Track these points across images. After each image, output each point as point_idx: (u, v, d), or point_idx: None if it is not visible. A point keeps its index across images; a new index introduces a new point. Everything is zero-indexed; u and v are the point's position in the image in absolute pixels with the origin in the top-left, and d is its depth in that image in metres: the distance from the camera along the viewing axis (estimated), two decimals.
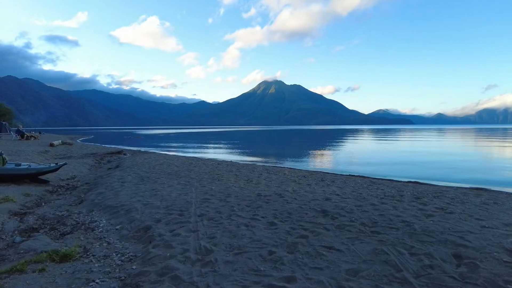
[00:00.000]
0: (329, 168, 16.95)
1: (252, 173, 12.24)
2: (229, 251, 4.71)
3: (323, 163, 19.90)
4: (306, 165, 18.34)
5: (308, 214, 6.44)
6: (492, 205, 7.27)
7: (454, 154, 26.26)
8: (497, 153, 28.16)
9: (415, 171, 16.14)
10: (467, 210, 6.65)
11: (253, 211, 6.67)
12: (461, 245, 4.67)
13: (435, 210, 6.63)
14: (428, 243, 4.78)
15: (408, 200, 7.57)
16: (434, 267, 4.03)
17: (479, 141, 46.07)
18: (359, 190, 8.89)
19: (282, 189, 8.88)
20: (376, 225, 5.68)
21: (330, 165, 18.45)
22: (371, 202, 7.28)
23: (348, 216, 6.18)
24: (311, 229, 5.54)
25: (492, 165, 19.06)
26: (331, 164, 19.40)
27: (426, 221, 5.80)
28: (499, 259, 4.20)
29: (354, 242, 4.94)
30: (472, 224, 5.63)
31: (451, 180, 13.49)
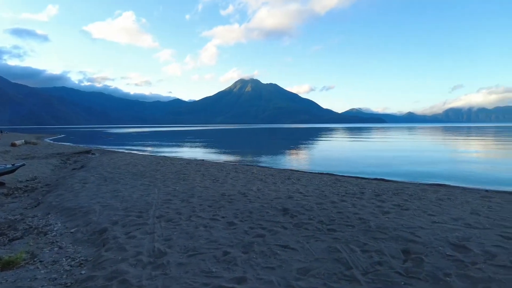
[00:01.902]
0: (299, 166, 17.13)
1: (219, 173, 12.15)
2: (183, 253, 4.63)
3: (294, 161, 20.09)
4: (276, 163, 18.45)
5: (269, 213, 6.45)
6: (446, 201, 7.57)
7: (422, 152, 27.23)
8: (461, 150, 29.46)
9: (383, 169, 16.58)
10: (422, 206, 6.89)
11: (214, 212, 6.61)
12: (411, 240, 4.82)
13: (392, 207, 6.82)
14: (381, 240, 4.90)
15: (367, 198, 7.75)
16: (382, 263, 4.13)
17: (445, 139, 48.09)
18: (322, 188, 9.02)
19: (247, 188, 8.86)
20: (333, 222, 5.77)
21: (300, 163, 18.65)
22: (331, 200, 7.40)
23: (307, 214, 6.25)
24: (269, 228, 5.55)
25: (455, 162, 19.90)
26: (301, 162, 19.62)
27: (382, 218, 5.96)
28: (443, 253, 4.36)
29: (310, 240, 4.99)
30: (424, 220, 5.83)
31: (415, 176, 13.95)
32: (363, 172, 15.15)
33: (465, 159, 21.98)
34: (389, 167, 17.53)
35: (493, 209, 6.81)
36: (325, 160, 21.13)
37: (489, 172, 15.69)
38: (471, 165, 18.32)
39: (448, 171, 15.88)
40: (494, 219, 5.95)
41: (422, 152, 26.52)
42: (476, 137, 52.64)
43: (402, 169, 16.41)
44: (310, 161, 20.18)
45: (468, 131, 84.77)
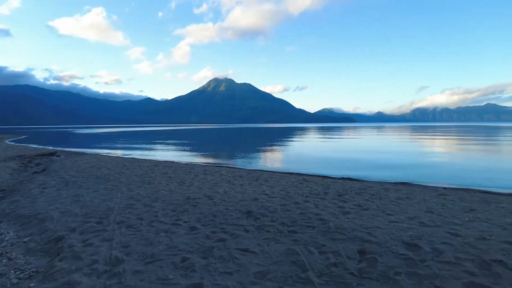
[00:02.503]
0: (269, 166, 17.25)
1: (187, 175, 12.01)
2: (141, 260, 4.54)
3: (265, 161, 20.20)
4: (247, 164, 18.48)
5: (233, 216, 6.45)
6: (404, 200, 7.87)
7: (389, 150, 28.17)
8: (426, 148, 30.76)
9: (350, 167, 17.00)
10: (382, 206, 7.13)
11: (177, 216, 6.52)
12: (368, 241, 4.97)
13: (353, 207, 7.01)
14: (339, 241, 5.02)
15: (330, 198, 7.92)
16: (338, 264, 4.23)
17: (412, 138, 50.04)
18: (288, 189, 9.13)
19: (214, 191, 8.82)
20: (295, 224, 5.85)
21: (271, 163, 18.79)
22: (295, 201, 7.50)
23: (270, 216, 6.30)
24: (231, 231, 5.54)
25: (420, 160, 20.74)
26: (272, 162, 19.76)
27: (342, 219, 6.11)
28: (396, 252, 4.53)
29: (270, 243, 5.04)
30: (382, 220, 6.03)
31: (380, 175, 14.41)
32: (331, 171, 15.47)
33: (429, 157, 22.97)
34: (356, 166, 18.01)
35: (446, 206, 7.16)
36: (296, 159, 21.41)
37: (450, 169, 16.49)
38: (435, 163, 19.19)
39: (412, 169, 16.52)
40: (445, 216, 6.26)
41: (390, 151, 27.47)
42: (440, 136, 55.20)
43: (368, 168, 16.90)
44: (281, 161, 20.38)
45: (433, 130, 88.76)
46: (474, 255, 4.37)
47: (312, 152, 27.04)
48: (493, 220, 6.01)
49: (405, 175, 14.45)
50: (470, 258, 4.28)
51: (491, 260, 4.20)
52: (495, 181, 12.95)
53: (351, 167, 17.40)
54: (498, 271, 3.93)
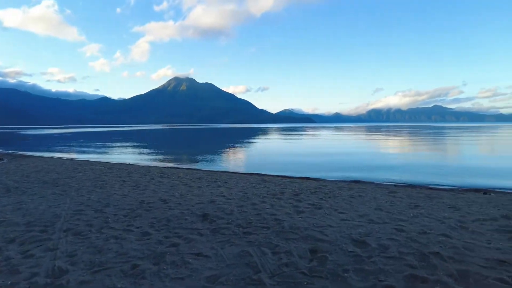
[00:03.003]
0: (229, 167, 17.22)
1: (142, 178, 11.63)
2: (87, 270, 4.31)
3: (225, 162, 20.12)
4: (207, 165, 18.30)
5: (188, 219, 6.34)
6: (357, 198, 8.21)
7: (347, 149, 29.26)
8: (381, 147, 32.34)
9: (308, 166, 17.44)
10: (334, 205, 7.38)
11: (129, 222, 6.29)
12: (320, 239, 5.12)
13: (308, 206, 7.18)
14: (292, 241, 5.11)
15: (286, 198, 8.07)
16: (289, 264, 4.30)
17: (368, 137, 52.39)
18: (246, 190, 9.16)
19: (169, 194, 8.61)
20: (250, 225, 5.88)
21: (231, 164, 18.76)
22: (252, 202, 7.54)
23: (226, 219, 6.28)
24: (185, 236, 5.44)
25: (375, 158, 21.76)
26: (233, 163, 19.74)
27: (296, 218, 6.24)
28: (345, 250, 4.70)
29: (225, 245, 5.01)
30: (334, 218, 6.24)
31: (336, 174, 14.92)
32: (291, 171, 15.76)
33: (383, 155, 24.18)
34: (315, 164, 18.52)
35: (395, 204, 7.57)
36: (257, 160, 21.56)
37: (401, 167, 17.47)
38: (387, 162, 20.22)
39: (367, 168, 17.29)
40: (393, 213, 6.61)
41: (346, 150, 28.54)
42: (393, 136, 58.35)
43: (325, 167, 17.45)
44: (242, 162, 20.41)
45: (387, 130, 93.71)
46: (415, 249, 4.65)
47: (273, 153, 27.38)
48: (434, 215, 6.45)
49: (359, 173, 15.07)
50: (411, 252, 4.55)
51: (429, 253, 4.50)
52: (440, 177, 13.92)
53: (310, 166, 17.84)
54: (435, 263, 4.21)
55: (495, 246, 4.75)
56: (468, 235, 5.30)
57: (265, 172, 15.15)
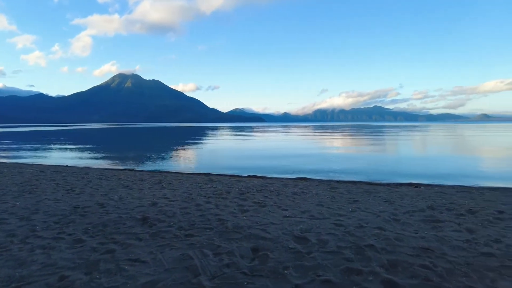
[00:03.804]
0: (175, 167, 16.73)
1: (79, 181, 10.81)
2: (5, 286, 3.86)
3: (171, 162, 19.51)
4: (151, 166, 17.61)
5: (126, 224, 6.00)
6: (300, 195, 8.42)
7: (295, 147, 30.03)
8: (326, 145, 33.71)
9: (257, 165, 17.57)
10: (278, 202, 7.48)
11: (61, 229, 5.77)
12: (262, 237, 5.12)
13: (252, 204, 7.19)
14: (234, 240, 5.06)
15: (232, 197, 8.01)
16: (230, 265, 4.23)
17: (314, 136, 54.39)
18: (191, 191, 8.93)
19: (108, 198, 8.09)
20: (193, 227, 5.72)
21: (178, 165, 18.25)
22: (197, 203, 7.36)
23: (168, 221, 6.04)
24: (122, 241, 5.13)
25: (321, 155, 22.59)
26: (180, 163, 19.22)
27: (240, 217, 6.20)
28: (286, 247, 4.76)
29: (164, 249, 4.80)
30: (277, 216, 6.31)
31: (284, 171, 15.21)
32: (239, 169, 15.76)
33: (328, 153, 25.19)
34: (263, 163, 18.73)
35: (335, 199, 7.88)
36: (205, 159, 21.24)
37: (345, 163, 18.33)
38: (332, 158, 21.10)
39: (314, 164, 17.90)
40: (333, 208, 6.87)
41: (295, 148, 29.30)
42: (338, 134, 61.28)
43: (274, 165, 17.73)
44: (190, 162, 19.96)
45: (332, 129, 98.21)
46: (352, 243, 4.86)
47: (223, 152, 27.19)
48: (370, 209, 6.82)
49: (305, 171, 15.54)
50: (348, 246, 4.74)
51: (364, 246, 4.72)
52: (378, 173, 14.84)
53: (259, 165, 17.99)
54: (370, 255, 4.43)
55: (421, 235, 5.13)
56: (399, 226, 5.67)
57: (213, 172, 14.97)
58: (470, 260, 4.28)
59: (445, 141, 39.18)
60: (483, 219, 6.06)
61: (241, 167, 16.75)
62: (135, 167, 16.70)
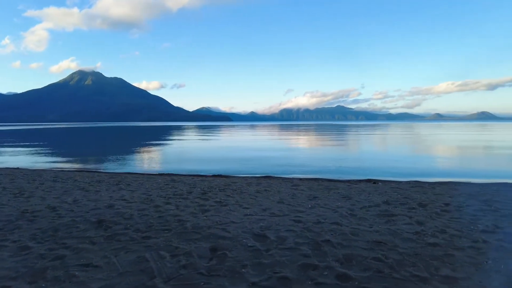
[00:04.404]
0: (136, 168, 16.20)
1: (30, 183, 10.15)
2: None
3: (132, 163, 18.87)
4: (111, 167, 16.94)
5: (80, 227, 5.71)
6: (262, 193, 8.47)
7: (261, 146, 30.18)
8: (293, 144, 34.22)
9: (223, 165, 17.46)
10: (240, 200, 7.48)
11: (4, 236, 5.38)
12: (221, 237, 5.08)
13: (213, 204, 7.13)
14: (193, 241, 4.98)
15: (193, 197, 7.89)
16: (187, 266, 4.16)
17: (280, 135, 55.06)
18: (151, 192, 8.69)
19: (61, 201, 7.66)
20: (151, 229, 5.56)
21: (139, 165, 17.70)
22: (156, 204, 7.17)
23: (124, 224, 5.83)
24: (74, 246, 4.87)
25: (286, 154, 22.88)
26: (141, 164, 18.65)
27: (200, 217, 6.12)
28: (245, 245, 4.75)
29: (119, 253, 4.63)
30: (237, 214, 6.30)
31: (249, 170, 15.23)
32: (203, 169, 15.59)
33: (294, 151, 25.59)
34: (229, 162, 18.68)
35: (296, 196, 8.01)
36: (169, 159, 20.80)
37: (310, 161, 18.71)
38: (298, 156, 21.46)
39: (279, 162, 18.10)
40: (293, 205, 6.98)
41: (262, 147, 29.47)
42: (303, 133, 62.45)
43: (239, 163, 17.73)
44: (152, 162, 19.44)
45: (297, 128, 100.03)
46: (310, 238, 4.95)
47: (188, 151, 26.76)
48: (329, 205, 7.00)
49: (270, 168, 15.68)
50: (306, 242, 4.83)
51: (321, 241, 4.83)
52: (340, 170, 15.30)
53: (224, 164, 17.92)
54: (326, 250, 4.54)
55: (375, 229, 5.35)
56: (355, 221, 5.87)
57: (176, 172, 14.68)
58: (418, 250, 4.51)
59: (403, 139, 41.24)
60: (432, 212, 6.43)
61: (206, 167, 16.58)
62: (94, 168, 15.99)
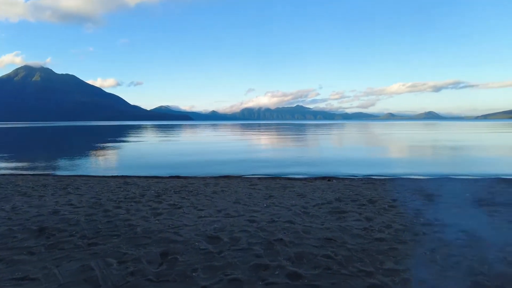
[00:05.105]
0: (87, 171, 15.33)
1: None
2: None
3: (83, 165, 17.79)
4: (58, 169, 15.89)
5: (18, 237, 5.27)
6: (219, 193, 8.39)
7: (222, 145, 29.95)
8: (255, 143, 34.33)
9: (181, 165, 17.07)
10: (195, 202, 7.34)
11: None
12: (173, 241, 4.95)
13: (167, 207, 6.93)
14: (143, 246, 4.79)
15: (146, 200, 7.62)
16: (136, 273, 3.99)
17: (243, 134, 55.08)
18: (101, 195, 8.26)
19: None
20: (98, 235, 5.27)
21: (91, 167, 16.76)
22: (105, 208, 6.83)
23: (69, 231, 5.48)
24: (9, 258, 4.48)
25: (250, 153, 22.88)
26: (93, 166, 17.67)
27: (152, 221, 5.91)
28: (197, 248, 4.66)
29: (62, 262, 4.33)
30: (191, 217, 6.17)
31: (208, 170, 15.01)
32: (160, 170, 15.15)
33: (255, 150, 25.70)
34: (188, 162, 18.35)
35: (252, 196, 8.04)
36: (123, 161, 19.99)
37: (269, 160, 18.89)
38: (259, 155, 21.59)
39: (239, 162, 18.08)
40: (249, 205, 6.99)
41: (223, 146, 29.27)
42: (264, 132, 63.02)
43: (199, 164, 17.48)
44: (104, 164, 18.54)
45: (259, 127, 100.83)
46: (263, 238, 4.97)
47: (145, 152, 25.83)
48: (284, 203, 7.10)
49: (230, 168, 15.60)
50: (259, 242, 4.85)
51: (274, 240, 4.87)
52: (298, 167, 15.61)
53: (183, 164, 17.55)
54: (278, 249, 4.58)
55: (326, 226, 5.50)
56: (308, 219, 6.00)
57: (131, 173, 14.12)
58: (366, 246, 4.70)
59: (359, 138, 43.08)
60: (380, 208, 6.75)
61: (163, 168, 16.12)
62: (39, 171, 14.90)
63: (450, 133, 53.32)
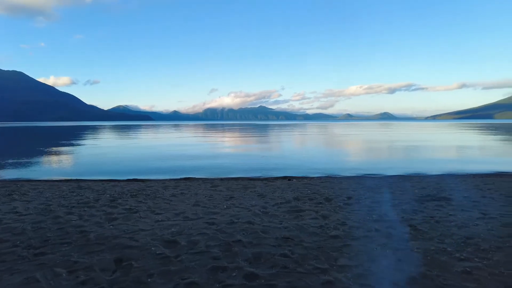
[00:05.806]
0: (36, 175, 14.36)
1: None
2: None
3: (31, 169, 16.62)
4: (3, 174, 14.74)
5: None
6: (178, 196, 8.24)
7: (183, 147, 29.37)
8: (217, 144, 34.04)
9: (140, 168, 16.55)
10: (153, 206, 7.16)
11: None
12: (128, 246, 4.79)
13: (123, 211, 6.69)
14: (96, 253, 4.59)
15: (100, 205, 7.29)
16: (87, 282, 3.81)
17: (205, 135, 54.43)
18: (51, 201, 7.77)
19: None
20: (47, 243, 4.97)
21: (40, 171, 15.73)
22: (56, 215, 6.45)
23: (12, 241, 5.11)
24: None
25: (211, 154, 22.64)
26: (42, 169, 16.58)
27: (106, 227, 5.68)
28: (154, 253, 4.55)
29: (3, 276, 4.03)
30: (148, 221, 6.01)
31: (168, 172, 14.68)
32: (117, 173, 14.58)
33: (215, 150, 25.49)
34: (147, 164, 17.81)
35: (213, 197, 7.99)
36: (77, 164, 18.93)
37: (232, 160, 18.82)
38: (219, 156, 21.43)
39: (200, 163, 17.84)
40: (209, 207, 6.94)
41: (184, 147, 28.70)
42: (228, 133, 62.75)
43: (160, 166, 17.01)
44: (56, 167, 17.46)
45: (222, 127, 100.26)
46: (222, 240, 4.97)
47: (101, 154, 24.66)
48: (244, 204, 7.13)
49: (192, 170, 15.36)
50: (217, 244, 4.83)
51: (233, 242, 4.88)
52: (260, 168, 15.72)
53: (142, 167, 17.01)
54: (236, 250, 4.60)
55: (284, 225, 5.61)
56: (267, 219, 6.08)
57: (85, 177, 13.43)
58: (322, 243, 4.86)
59: (319, 138, 44.30)
60: (336, 206, 7.01)
61: (120, 171, 15.52)
62: None
63: (403, 134, 56.46)
